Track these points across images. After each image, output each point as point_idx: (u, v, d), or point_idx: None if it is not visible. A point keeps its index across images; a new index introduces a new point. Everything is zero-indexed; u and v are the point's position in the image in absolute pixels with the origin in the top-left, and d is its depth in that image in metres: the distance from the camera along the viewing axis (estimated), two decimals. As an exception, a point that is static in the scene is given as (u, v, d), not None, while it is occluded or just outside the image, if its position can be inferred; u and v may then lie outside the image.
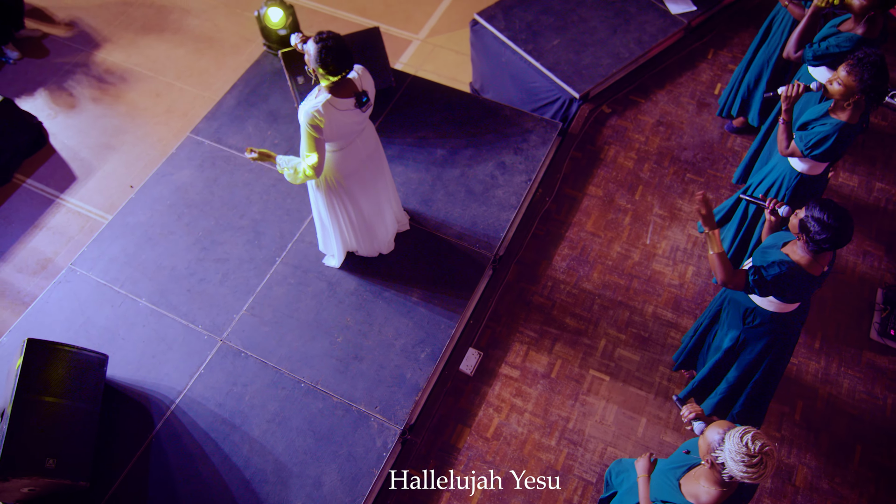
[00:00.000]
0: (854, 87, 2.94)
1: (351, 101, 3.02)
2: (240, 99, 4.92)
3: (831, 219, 2.58)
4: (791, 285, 2.78)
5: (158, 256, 4.19)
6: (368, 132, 3.41)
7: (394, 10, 6.61)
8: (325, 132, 2.99)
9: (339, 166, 3.33)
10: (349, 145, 3.27)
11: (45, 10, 6.75)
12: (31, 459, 3.15)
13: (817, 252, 2.72)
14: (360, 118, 3.14)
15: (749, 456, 2.09)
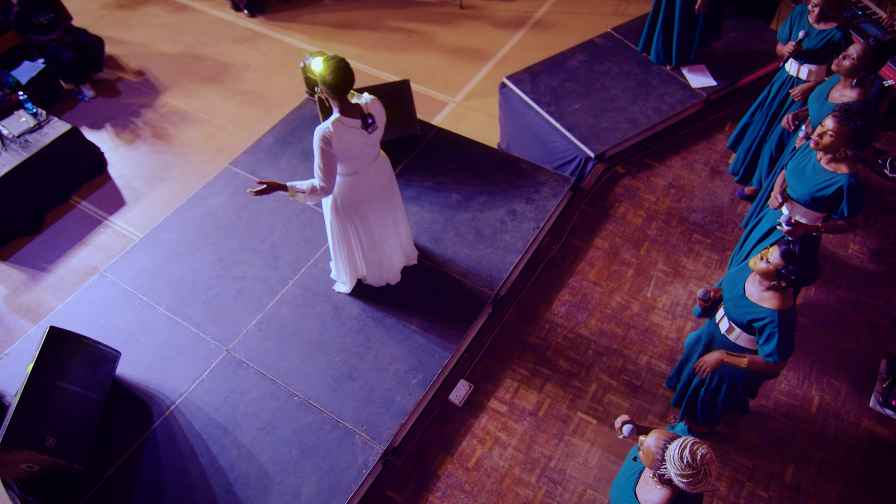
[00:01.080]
0: (847, 135, 3.05)
1: (358, 121, 3.31)
2: (277, 138, 5.32)
3: (802, 256, 2.67)
4: (793, 328, 2.84)
5: (182, 270, 4.49)
6: (382, 164, 3.68)
7: (435, 75, 7.07)
8: (334, 147, 3.26)
9: (352, 192, 3.59)
10: (362, 171, 3.53)
11: (123, 57, 7.49)
12: (34, 435, 3.36)
13: (794, 286, 2.79)
14: (369, 141, 3.41)
15: (692, 469, 2.12)
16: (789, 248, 2.68)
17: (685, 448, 2.14)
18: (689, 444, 2.15)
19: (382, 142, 4.69)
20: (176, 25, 7.92)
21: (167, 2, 8.30)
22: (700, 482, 2.12)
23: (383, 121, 3.49)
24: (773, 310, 2.80)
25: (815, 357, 4.06)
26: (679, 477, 2.13)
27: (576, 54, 5.86)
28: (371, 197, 3.67)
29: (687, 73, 5.56)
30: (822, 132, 3.11)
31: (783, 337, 2.81)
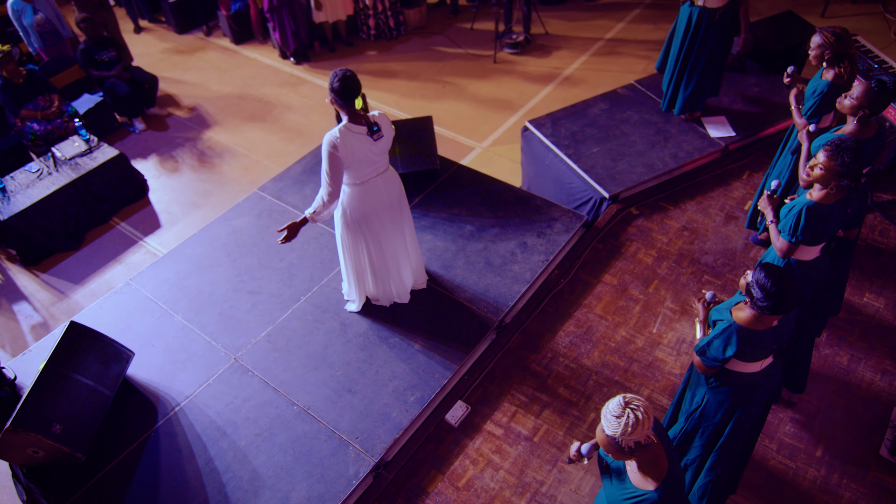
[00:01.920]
0: (835, 170, 3.10)
1: (364, 128, 3.50)
2: (305, 167, 5.58)
3: (773, 287, 2.66)
4: (746, 345, 2.81)
5: (202, 283, 4.69)
6: (391, 179, 3.86)
7: (465, 122, 7.33)
8: (340, 151, 3.45)
9: (361, 202, 3.76)
10: (369, 181, 3.71)
11: (175, 95, 8.01)
12: (42, 420, 3.50)
13: (767, 312, 2.78)
14: (375, 149, 3.59)
15: (621, 420, 2.19)
16: (766, 278, 2.68)
17: (620, 397, 2.25)
18: (625, 396, 2.23)
19: (403, 174, 4.92)
20: (227, 70, 8.45)
21: (221, 49, 8.89)
22: (633, 427, 2.20)
23: (390, 133, 3.68)
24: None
25: (823, 401, 3.95)
26: (611, 422, 2.20)
27: (598, 102, 6.04)
28: (379, 210, 3.82)
29: (707, 123, 5.66)
30: (814, 164, 3.17)
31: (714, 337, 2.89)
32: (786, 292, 2.65)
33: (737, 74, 6.19)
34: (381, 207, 3.84)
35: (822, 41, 3.84)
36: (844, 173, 3.09)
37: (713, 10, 5.02)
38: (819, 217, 3.20)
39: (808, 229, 3.23)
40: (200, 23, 9.16)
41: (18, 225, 5.80)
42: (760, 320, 2.80)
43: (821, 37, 3.85)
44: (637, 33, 8.48)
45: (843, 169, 3.07)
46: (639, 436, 2.23)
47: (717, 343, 2.85)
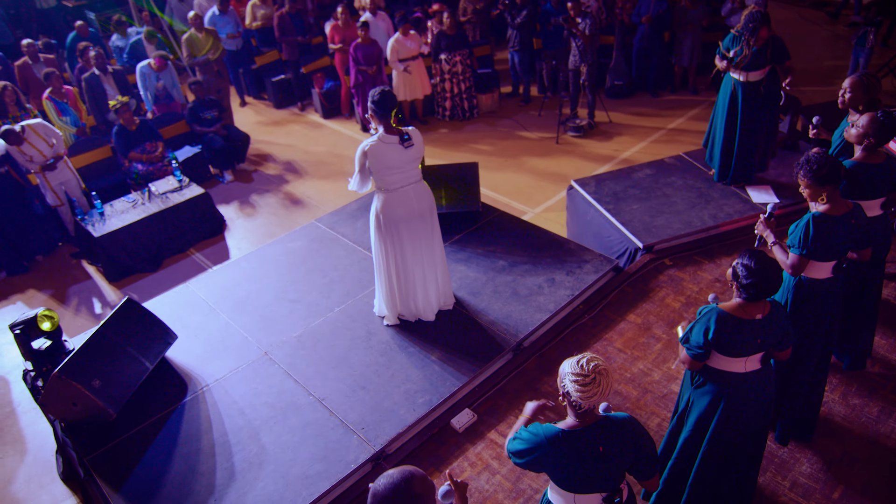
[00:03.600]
0: (813, 181, 3.21)
1: (396, 137, 3.92)
2: (360, 205, 6.06)
3: (757, 265, 2.74)
4: (723, 332, 2.84)
5: (249, 290, 5.11)
6: (423, 190, 4.23)
7: (521, 191, 7.70)
8: (368, 158, 3.87)
9: (392, 208, 4.13)
10: (401, 189, 4.09)
11: (263, 155, 8.90)
12: (85, 373, 3.89)
13: (748, 299, 2.83)
14: (407, 157, 3.99)
15: (582, 377, 2.24)
16: (747, 267, 2.78)
17: (582, 358, 2.29)
18: (587, 356, 2.29)
19: (445, 214, 5.29)
20: (313, 138, 9.34)
21: (310, 122, 9.86)
22: (588, 386, 2.22)
23: (421, 145, 4.11)
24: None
25: (847, 447, 3.75)
26: (572, 381, 2.25)
27: (643, 168, 6.28)
28: (409, 218, 4.16)
29: (750, 189, 5.76)
30: (799, 185, 3.31)
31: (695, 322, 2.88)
32: (769, 272, 2.72)
33: (789, 152, 6.31)
34: (411, 216, 4.18)
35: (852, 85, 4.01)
36: (822, 179, 3.18)
37: (754, 83, 5.27)
38: (826, 227, 3.25)
39: (818, 240, 3.26)
40: (296, 100, 10.24)
41: (108, 243, 6.52)
42: (744, 308, 2.85)
43: (850, 81, 4.03)
44: (698, 125, 8.76)
45: (816, 177, 3.18)
46: (594, 404, 2.30)
47: (698, 327, 2.90)
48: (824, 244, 3.29)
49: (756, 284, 2.75)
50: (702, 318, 2.91)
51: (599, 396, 2.25)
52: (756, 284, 2.75)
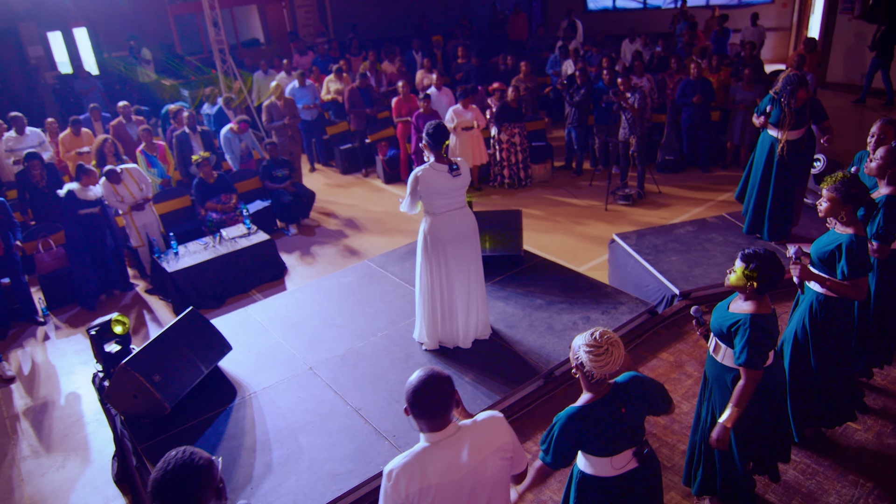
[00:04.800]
0: (837, 199, 3.37)
1: (446, 167, 4.32)
2: (409, 249, 6.45)
3: (760, 254, 2.95)
4: (766, 334, 2.98)
5: (301, 316, 5.48)
6: (467, 215, 4.60)
7: (567, 251, 7.95)
8: (420, 184, 4.29)
9: (439, 230, 4.50)
10: (446, 213, 4.47)
11: (326, 213, 9.52)
12: (148, 368, 4.27)
13: (761, 293, 2.98)
14: (454, 185, 4.38)
15: (596, 346, 2.44)
16: (745, 251, 2.98)
17: (595, 331, 2.48)
18: (599, 329, 2.48)
19: (488, 256, 5.61)
20: (372, 199, 9.95)
21: (372, 186, 10.52)
22: (602, 356, 2.41)
23: (468, 176, 4.50)
24: (747, 314, 2.98)
25: (878, 479, 3.69)
26: (586, 352, 2.44)
27: (685, 226, 6.47)
28: (454, 239, 4.51)
29: (791, 246, 5.85)
30: (820, 201, 3.47)
31: (753, 338, 2.93)
32: (776, 258, 2.91)
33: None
34: (455, 237, 4.52)
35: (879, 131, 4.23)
36: (849, 198, 3.35)
37: (792, 142, 5.49)
38: (861, 246, 3.39)
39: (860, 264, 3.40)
40: (361, 167, 10.97)
41: (179, 278, 7.08)
42: (763, 303, 3.01)
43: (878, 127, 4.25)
44: (748, 197, 8.90)
45: (846, 195, 3.35)
46: (607, 373, 2.50)
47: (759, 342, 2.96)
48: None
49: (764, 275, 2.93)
50: (753, 334, 2.97)
51: (612, 366, 2.44)
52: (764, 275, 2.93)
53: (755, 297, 3.03)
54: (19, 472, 5.11)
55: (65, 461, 5.21)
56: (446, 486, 2.25)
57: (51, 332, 7.15)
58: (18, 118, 8.80)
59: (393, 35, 15.14)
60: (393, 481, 2.24)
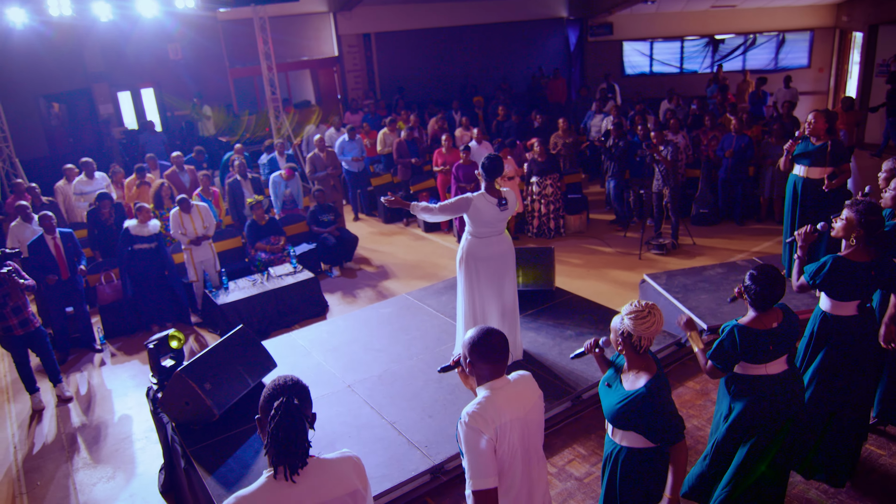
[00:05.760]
0: (854, 221, 3.56)
1: (496, 200, 4.66)
2: (447, 285, 6.77)
3: (762, 274, 3.15)
4: (746, 344, 3.17)
5: (342, 341, 5.80)
6: (505, 238, 4.92)
7: (601, 295, 8.07)
8: (471, 207, 4.62)
9: (477, 249, 4.83)
10: (487, 237, 4.78)
11: (368, 258, 9.93)
12: (200, 376, 4.61)
13: (762, 309, 3.17)
14: (500, 216, 4.70)
15: (638, 311, 2.69)
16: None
17: (633, 301, 2.77)
18: (636, 300, 2.74)
19: (522, 291, 5.88)
20: (412, 247, 10.34)
21: (413, 235, 10.94)
22: (644, 319, 2.65)
23: (514, 207, 4.82)
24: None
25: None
26: (629, 317, 2.69)
27: (715, 268, 6.63)
28: (489, 258, 4.82)
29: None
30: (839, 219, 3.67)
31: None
32: (774, 280, 3.10)
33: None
34: (491, 257, 4.85)
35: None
36: (866, 224, 3.53)
37: (815, 181, 5.69)
38: (845, 269, 3.56)
39: (831, 277, 3.57)
40: (403, 216, 11.44)
41: (228, 311, 7.49)
42: (759, 320, 3.19)
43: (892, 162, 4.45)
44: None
45: (864, 220, 3.53)
46: (652, 334, 2.73)
47: (726, 343, 3.22)
48: (840, 284, 3.57)
49: (761, 293, 3.12)
50: (725, 336, 3.22)
51: (656, 325, 2.69)
52: (761, 293, 3.12)
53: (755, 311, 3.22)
54: (73, 483, 5.42)
55: (114, 473, 5.51)
56: (517, 422, 2.52)
57: (107, 358, 7.58)
58: (88, 163, 9.58)
59: (437, 97, 15.92)
60: (474, 424, 2.48)
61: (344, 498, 2.23)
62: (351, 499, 2.25)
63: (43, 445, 5.92)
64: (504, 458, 2.52)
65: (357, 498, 2.27)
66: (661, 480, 2.87)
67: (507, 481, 2.56)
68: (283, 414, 2.12)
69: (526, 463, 2.60)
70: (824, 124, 5.56)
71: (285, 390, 2.20)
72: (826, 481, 3.87)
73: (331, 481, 2.23)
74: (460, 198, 4.73)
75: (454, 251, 4.79)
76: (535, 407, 2.65)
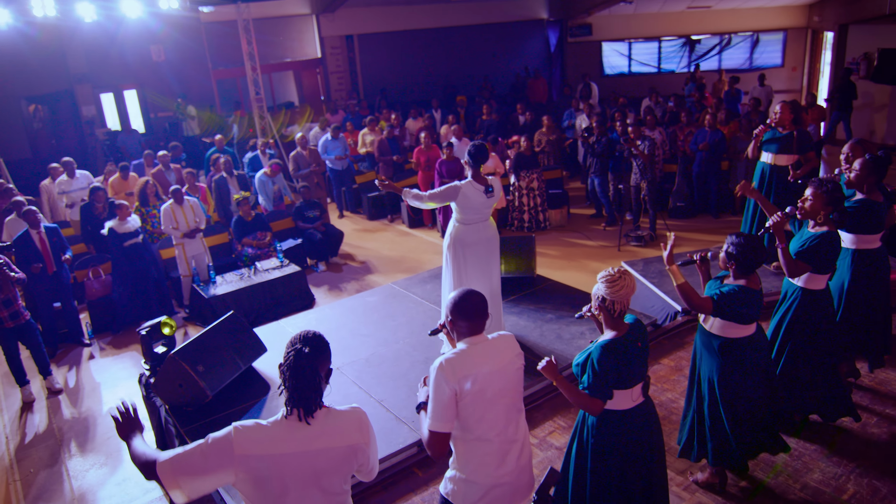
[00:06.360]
0: (822, 200, 3.80)
1: (483, 186, 4.85)
2: (432, 274, 6.94)
3: (744, 240, 3.37)
4: (745, 303, 3.38)
5: (330, 327, 5.96)
6: (489, 225, 5.11)
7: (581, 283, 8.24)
8: (460, 194, 4.79)
9: (464, 235, 5.00)
10: (473, 224, 4.96)
11: (353, 253, 10.08)
12: (194, 359, 4.75)
13: (746, 272, 3.39)
14: (486, 203, 4.88)
15: (610, 276, 2.89)
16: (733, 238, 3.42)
17: (608, 269, 2.99)
18: (611, 268, 2.94)
19: (505, 277, 6.07)
20: (397, 242, 10.51)
21: (397, 231, 11.10)
22: (615, 283, 2.85)
23: (500, 193, 5.01)
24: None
25: (861, 461, 3.95)
26: (601, 281, 2.89)
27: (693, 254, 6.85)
28: (475, 244, 5.00)
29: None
30: (804, 199, 3.89)
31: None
32: (757, 245, 3.33)
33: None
34: (478, 242, 5.02)
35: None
36: (832, 202, 3.77)
37: (782, 168, 5.95)
38: (833, 243, 3.80)
39: (829, 253, 3.83)
40: (387, 213, 11.61)
41: (216, 304, 7.60)
42: (752, 281, 3.41)
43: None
44: (756, 239, 9.27)
45: (831, 198, 3.77)
46: (623, 297, 2.92)
47: (731, 298, 3.41)
48: (825, 258, 3.82)
49: (745, 256, 3.34)
50: (737, 292, 3.41)
51: (626, 290, 2.88)
52: (745, 256, 3.34)
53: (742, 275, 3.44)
54: (66, 469, 5.52)
55: (106, 460, 5.61)
56: (488, 375, 2.70)
57: (95, 352, 7.66)
58: (69, 162, 9.66)
59: (419, 98, 16.11)
60: (444, 371, 2.68)
61: (344, 449, 2.36)
62: (350, 451, 2.38)
63: (35, 435, 6.01)
64: (481, 405, 2.69)
65: (356, 451, 2.39)
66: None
67: (483, 427, 2.73)
68: (293, 359, 2.34)
69: (506, 414, 2.78)
70: (790, 114, 5.81)
71: (302, 340, 2.43)
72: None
73: (336, 432, 2.37)
74: (449, 186, 4.91)
75: (438, 246, 4.97)
76: (513, 363, 2.82)
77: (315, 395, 2.35)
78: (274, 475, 2.24)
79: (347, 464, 2.38)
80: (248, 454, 2.23)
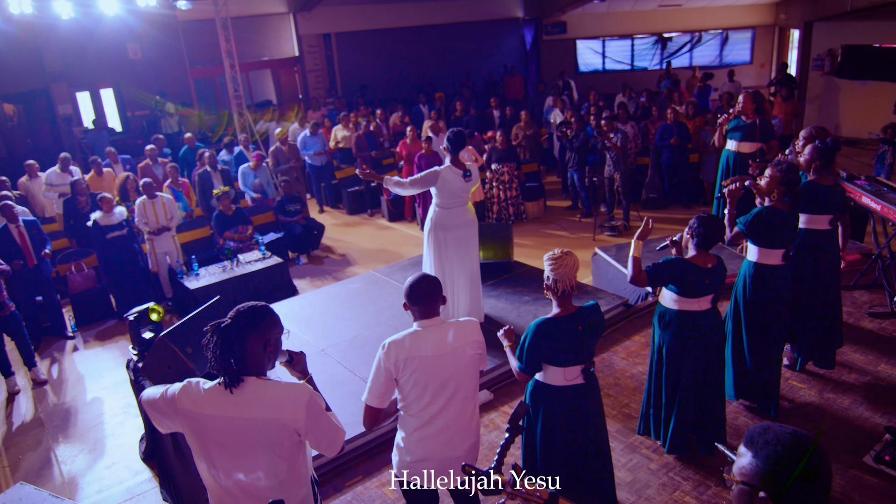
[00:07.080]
0: (777, 178, 4.05)
1: (461, 171, 5.04)
2: (412, 262, 7.13)
3: (705, 218, 3.61)
4: (683, 274, 3.62)
5: (314, 313, 6.12)
6: (468, 210, 5.31)
7: (558, 274, 8.60)
8: (439, 181, 4.98)
9: (443, 220, 5.20)
10: (453, 208, 5.15)
11: (334, 246, 10.23)
12: (182, 340, 4.87)
13: (701, 246, 3.63)
14: (464, 186, 5.08)
15: (552, 256, 3.08)
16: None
17: (553, 250, 3.12)
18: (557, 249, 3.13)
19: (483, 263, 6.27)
20: (377, 236, 10.68)
21: (377, 225, 11.28)
22: (556, 261, 3.04)
23: (477, 178, 5.21)
24: None
25: (817, 422, 4.22)
26: (547, 264, 3.08)
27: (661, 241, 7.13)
28: (455, 228, 5.20)
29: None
30: (762, 177, 4.15)
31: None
32: (714, 223, 3.57)
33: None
34: (458, 226, 5.23)
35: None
36: (787, 181, 4.02)
37: (745, 155, 6.24)
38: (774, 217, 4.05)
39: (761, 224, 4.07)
40: (367, 207, 11.78)
41: (199, 295, 7.71)
42: (700, 258, 3.65)
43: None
44: (726, 228, 9.60)
45: (786, 177, 4.02)
46: (564, 276, 3.13)
47: (665, 266, 3.67)
48: (771, 233, 4.07)
49: (704, 232, 3.58)
50: (672, 262, 3.67)
51: (566, 269, 3.05)
52: (704, 232, 3.58)
53: (696, 249, 3.68)
54: (55, 455, 5.62)
55: (95, 445, 5.72)
56: (429, 359, 2.85)
57: (79, 345, 7.74)
58: (66, 159, 9.72)
59: (398, 96, 16.29)
60: (385, 351, 2.87)
61: (271, 422, 2.33)
62: (279, 425, 2.34)
63: (22, 424, 6.09)
64: (414, 388, 2.86)
65: (286, 426, 2.35)
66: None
67: (417, 407, 2.88)
68: (211, 332, 2.48)
69: (447, 398, 2.87)
70: (752, 104, 6.10)
71: (234, 314, 2.53)
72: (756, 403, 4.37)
73: (264, 404, 2.36)
74: (429, 171, 5.11)
75: (418, 238, 5.17)
76: (459, 350, 2.87)
77: (238, 366, 2.38)
78: (198, 433, 2.39)
79: (277, 436, 2.35)
80: (184, 409, 2.40)
